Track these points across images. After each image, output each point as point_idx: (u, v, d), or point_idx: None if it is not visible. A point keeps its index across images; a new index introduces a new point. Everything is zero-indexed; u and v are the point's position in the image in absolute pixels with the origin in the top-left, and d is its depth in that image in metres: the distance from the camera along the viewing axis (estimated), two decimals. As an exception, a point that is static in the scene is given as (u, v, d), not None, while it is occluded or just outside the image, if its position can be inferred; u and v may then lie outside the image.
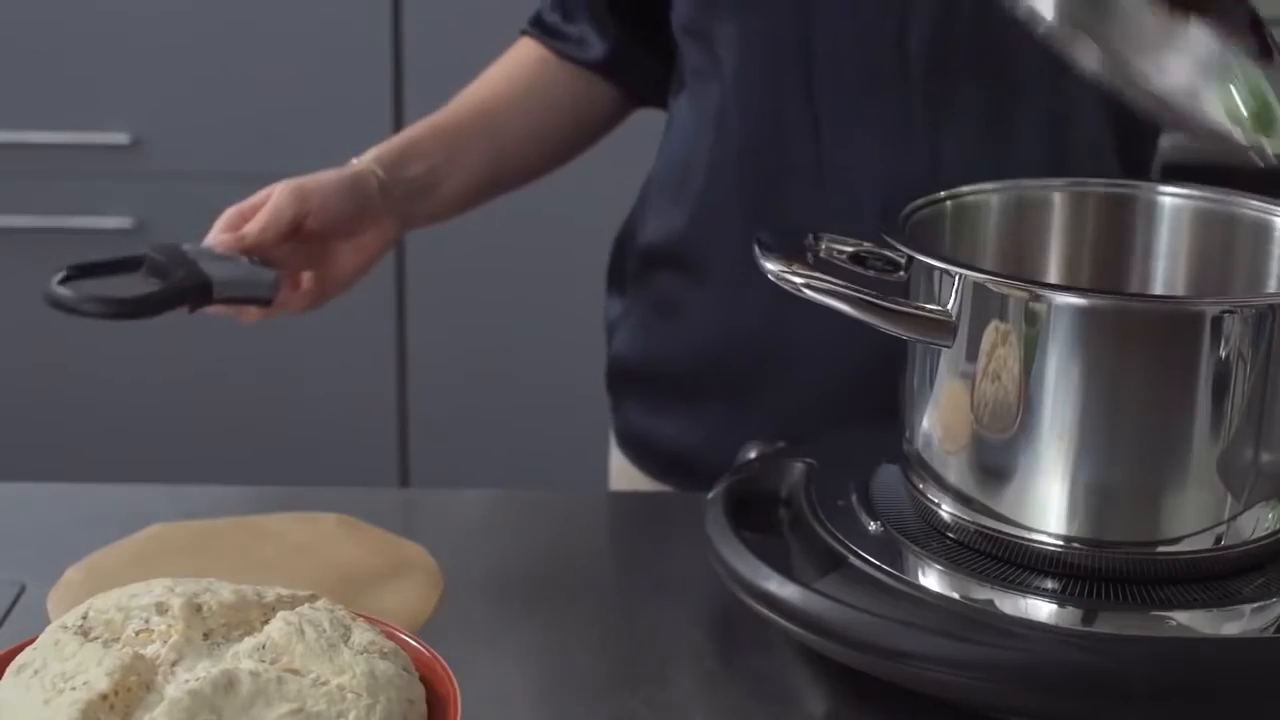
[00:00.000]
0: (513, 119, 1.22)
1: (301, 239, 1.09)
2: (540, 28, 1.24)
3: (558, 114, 1.24)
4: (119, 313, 1.02)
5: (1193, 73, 0.82)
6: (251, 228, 1.07)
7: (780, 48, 1.11)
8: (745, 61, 1.13)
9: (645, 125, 1.30)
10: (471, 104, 1.21)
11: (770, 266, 0.86)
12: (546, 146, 1.24)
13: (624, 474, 1.27)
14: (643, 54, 1.23)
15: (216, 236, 1.08)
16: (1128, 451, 0.83)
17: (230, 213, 1.09)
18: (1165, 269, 0.97)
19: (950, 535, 0.88)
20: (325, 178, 1.10)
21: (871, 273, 0.91)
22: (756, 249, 0.87)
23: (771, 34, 1.12)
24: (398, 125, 2.12)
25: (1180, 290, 0.97)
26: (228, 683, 0.69)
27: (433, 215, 1.19)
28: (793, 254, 0.87)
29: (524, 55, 1.24)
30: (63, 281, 1.02)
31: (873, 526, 0.90)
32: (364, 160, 1.14)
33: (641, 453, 1.25)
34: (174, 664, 0.70)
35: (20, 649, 0.74)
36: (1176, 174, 1.13)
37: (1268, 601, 0.84)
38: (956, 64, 1.09)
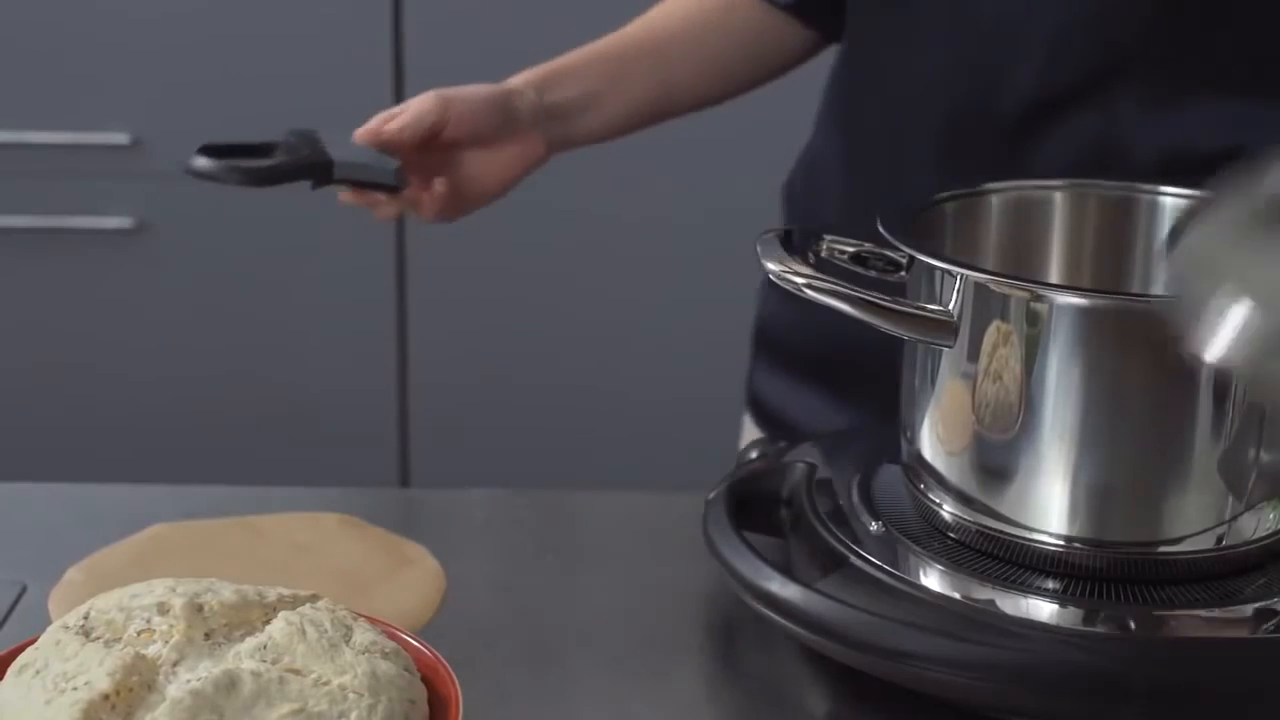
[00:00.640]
0: (687, 51, 1.21)
1: (439, 147, 1.11)
2: None
3: (739, 50, 1.22)
4: (242, 181, 1.09)
5: None
6: (391, 126, 1.09)
7: (870, 69, 1.12)
8: (843, 69, 1.15)
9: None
10: (644, 32, 1.21)
11: (771, 266, 0.86)
12: (720, 81, 1.23)
13: (749, 433, 1.28)
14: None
15: (358, 132, 1.10)
16: (1129, 452, 0.83)
17: (378, 116, 1.11)
18: (1167, 269, 0.97)
19: (951, 535, 0.88)
20: (473, 89, 1.12)
21: (872, 273, 0.91)
22: (758, 248, 0.87)
23: (869, 51, 1.13)
24: (398, 125, 2.12)
25: (1181, 290, 0.97)
26: (229, 683, 0.69)
27: (587, 137, 1.19)
28: (794, 254, 0.87)
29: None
30: (201, 152, 1.09)
31: (874, 527, 0.90)
32: (517, 79, 1.15)
33: (759, 415, 1.27)
34: (175, 664, 0.70)
35: (21, 649, 0.74)
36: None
37: (1269, 601, 0.84)
38: (1053, 113, 1.07)
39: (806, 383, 1.22)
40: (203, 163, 1.08)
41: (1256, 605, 0.84)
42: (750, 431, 1.29)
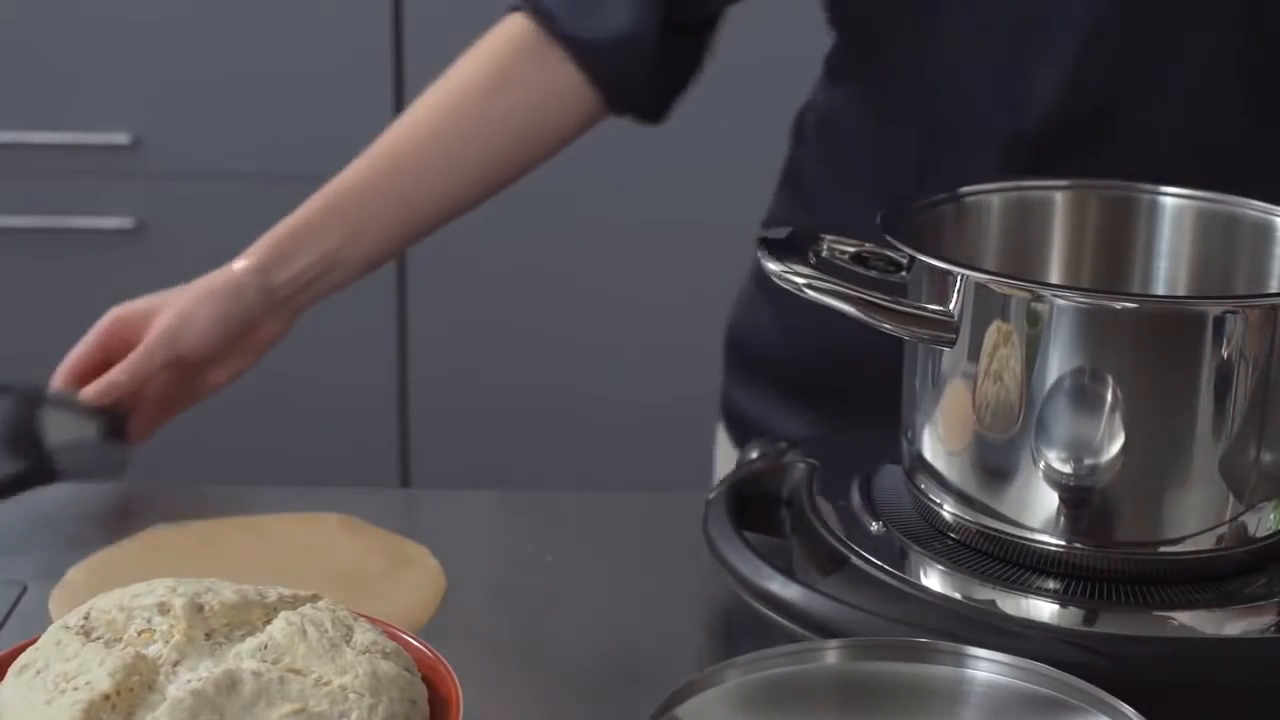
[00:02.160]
0: (430, 171, 1.12)
1: (173, 370, 1.07)
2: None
3: (497, 149, 1.13)
4: None
5: None
6: (120, 378, 1.04)
7: (896, 98, 1.10)
8: (864, 88, 1.13)
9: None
10: (384, 160, 1.12)
11: (772, 267, 0.86)
12: (473, 188, 1.14)
13: (722, 443, 1.27)
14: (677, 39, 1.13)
15: (90, 389, 1.04)
16: (1129, 451, 0.83)
17: (100, 382, 1.05)
18: (1167, 269, 0.97)
19: (952, 535, 0.88)
20: (198, 312, 1.06)
21: (873, 273, 0.91)
22: (758, 249, 0.87)
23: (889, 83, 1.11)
24: (398, 125, 2.12)
25: (1182, 290, 0.97)
26: (230, 683, 0.69)
27: (333, 291, 1.13)
28: (794, 254, 0.87)
29: (470, 82, 1.14)
30: None
31: (875, 527, 0.90)
32: (245, 265, 1.09)
33: (733, 425, 1.25)
34: (176, 664, 0.70)
35: (22, 649, 0.74)
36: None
37: (1269, 601, 0.84)
38: (1072, 135, 1.06)
39: (786, 397, 1.20)
40: None
41: (1256, 605, 0.84)
42: (724, 445, 1.28)
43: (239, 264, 1.09)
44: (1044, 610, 0.83)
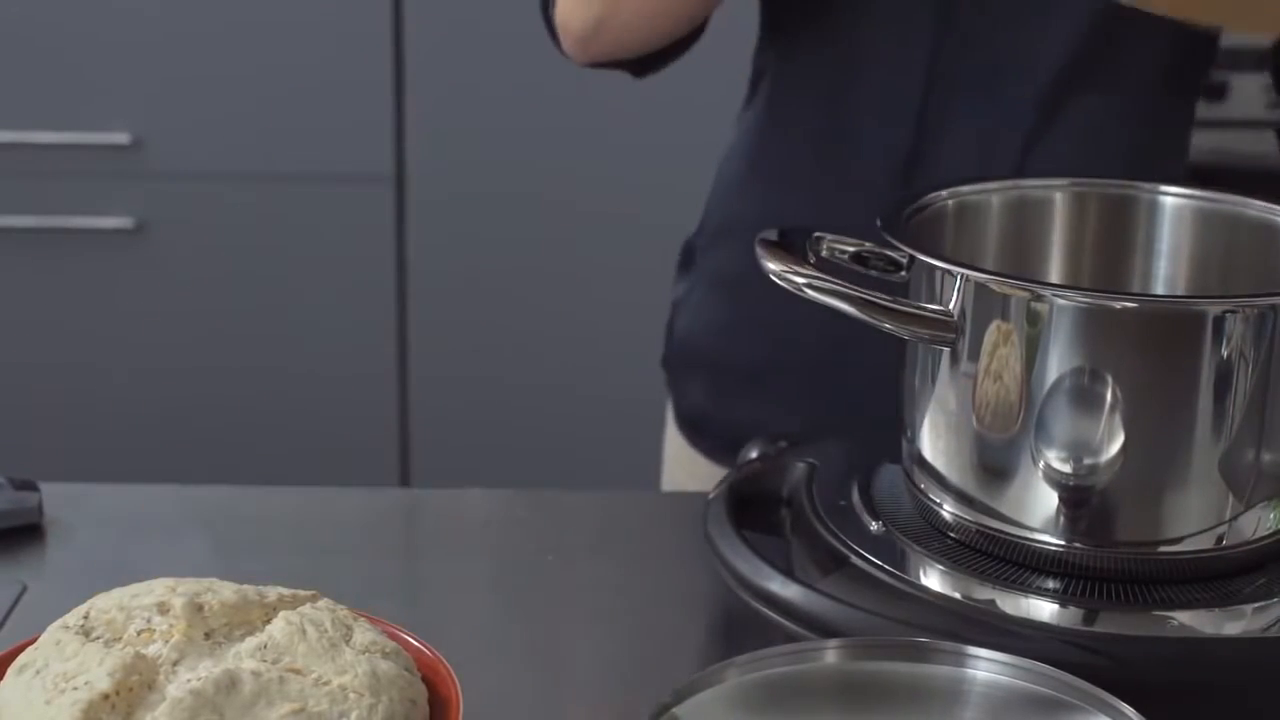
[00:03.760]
0: None
1: None
2: None
3: None
4: None
5: None
6: None
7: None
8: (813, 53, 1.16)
9: (645, 119, 1.30)
10: None
11: (772, 266, 0.86)
12: None
13: (680, 454, 1.27)
14: None
15: None
16: (1130, 452, 0.83)
17: None
18: (1167, 269, 0.97)
19: (952, 535, 0.88)
20: None
21: (873, 273, 0.91)
22: (758, 249, 0.87)
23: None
24: (398, 125, 2.12)
25: (1182, 290, 0.97)
26: (229, 682, 0.69)
27: None
28: (794, 254, 0.87)
29: None
30: None
31: (874, 526, 0.90)
32: None
33: (701, 433, 1.25)
34: (175, 663, 0.70)
35: (21, 649, 0.74)
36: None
37: (1269, 601, 0.84)
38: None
39: (738, 388, 1.22)
40: None
41: (1256, 605, 0.84)
42: (681, 449, 1.28)
43: None
44: (1044, 610, 0.83)
